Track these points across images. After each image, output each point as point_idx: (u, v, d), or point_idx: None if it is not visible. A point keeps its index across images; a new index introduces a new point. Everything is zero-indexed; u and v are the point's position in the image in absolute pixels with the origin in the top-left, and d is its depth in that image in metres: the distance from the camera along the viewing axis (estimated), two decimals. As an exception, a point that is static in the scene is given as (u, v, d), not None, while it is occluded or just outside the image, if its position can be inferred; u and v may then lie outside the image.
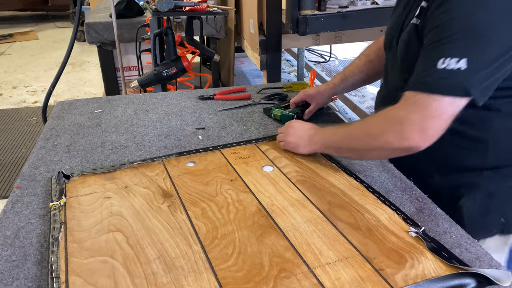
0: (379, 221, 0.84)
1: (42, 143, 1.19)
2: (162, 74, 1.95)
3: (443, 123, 0.82)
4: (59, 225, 0.84)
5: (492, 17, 0.79)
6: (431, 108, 0.81)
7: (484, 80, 0.81)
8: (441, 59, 0.80)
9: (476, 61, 0.79)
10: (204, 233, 0.82)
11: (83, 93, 4.01)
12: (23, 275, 0.73)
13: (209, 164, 1.06)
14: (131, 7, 2.83)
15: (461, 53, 0.79)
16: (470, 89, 0.80)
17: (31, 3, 6.46)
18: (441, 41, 0.82)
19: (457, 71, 0.79)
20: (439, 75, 0.81)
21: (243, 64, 4.55)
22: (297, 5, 1.84)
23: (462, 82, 0.79)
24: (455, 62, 0.79)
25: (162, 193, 0.95)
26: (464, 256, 0.77)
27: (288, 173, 1.01)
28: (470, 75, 0.79)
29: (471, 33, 0.80)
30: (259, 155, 1.10)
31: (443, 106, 0.81)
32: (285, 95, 1.47)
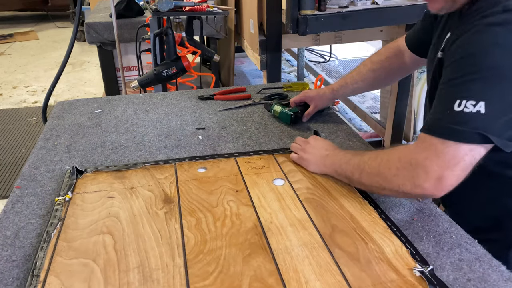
0: (382, 253, 0.77)
1: (42, 143, 1.19)
2: (162, 74, 1.95)
3: (460, 173, 0.76)
4: (57, 221, 0.85)
5: None
6: (447, 156, 0.75)
7: (508, 127, 0.74)
8: (457, 101, 0.75)
9: (496, 105, 0.73)
10: (192, 245, 0.79)
11: (83, 93, 4.01)
12: (23, 275, 0.73)
13: (219, 172, 1.03)
14: (131, 7, 2.83)
15: (479, 96, 0.73)
16: (490, 136, 0.73)
17: (31, 3, 6.46)
18: (458, 80, 0.77)
19: (475, 115, 0.73)
20: (455, 119, 0.75)
21: (243, 64, 4.55)
22: (297, 5, 1.84)
23: (480, 128, 0.73)
24: (472, 105, 0.73)
25: (163, 198, 0.94)
26: (464, 256, 0.77)
27: (298, 189, 0.96)
28: (490, 121, 0.73)
29: (489, 73, 0.74)
30: (274, 167, 1.05)
31: (460, 155, 0.75)
32: (285, 95, 1.47)
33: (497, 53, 0.73)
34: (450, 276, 0.72)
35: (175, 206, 0.91)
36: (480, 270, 0.74)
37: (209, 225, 0.85)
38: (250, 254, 0.77)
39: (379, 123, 2.81)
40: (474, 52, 0.75)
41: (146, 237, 0.82)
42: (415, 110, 2.71)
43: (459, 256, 0.77)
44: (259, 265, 0.75)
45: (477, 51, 0.75)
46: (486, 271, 0.73)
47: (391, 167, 0.83)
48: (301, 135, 1.23)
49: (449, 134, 0.75)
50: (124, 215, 0.88)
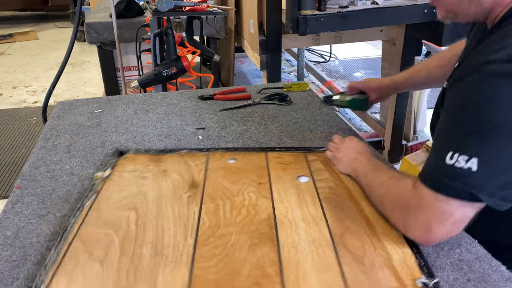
0: (389, 260, 0.75)
1: (42, 143, 1.19)
2: (162, 74, 1.95)
3: (451, 228, 0.73)
4: (93, 194, 0.96)
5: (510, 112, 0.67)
6: (436, 210, 0.72)
7: (502, 187, 0.69)
8: (450, 153, 0.70)
9: (489, 163, 0.68)
10: (205, 229, 0.84)
11: (83, 93, 4.01)
12: (23, 275, 0.73)
13: (248, 164, 1.07)
14: (131, 7, 2.83)
15: (473, 151, 0.68)
16: (481, 196, 0.69)
17: (31, 3, 6.45)
18: (453, 129, 0.72)
19: (466, 172, 0.69)
20: (446, 173, 0.71)
21: (243, 64, 4.55)
22: (297, 5, 1.83)
23: (470, 186, 0.69)
24: (465, 160, 0.69)
25: (190, 183, 1.00)
26: (464, 256, 0.77)
27: (321, 188, 0.96)
28: (481, 180, 0.69)
29: (486, 128, 0.68)
30: (301, 164, 1.06)
31: (450, 210, 0.71)
32: (285, 95, 1.47)
33: (497, 108, 0.68)
34: (450, 276, 0.72)
35: (199, 191, 0.96)
36: (480, 270, 0.74)
37: (226, 212, 0.89)
38: (258, 243, 0.80)
39: (379, 123, 2.81)
40: (473, 103, 0.70)
41: (166, 216, 0.88)
42: (415, 110, 2.71)
43: (459, 256, 0.77)
44: (263, 254, 0.77)
45: (476, 103, 0.70)
46: (486, 271, 0.73)
47: (389, 203, 0.83)
48: (301, 135, 1.23)
49: (440, 187, 0.72)
50: (151, 195, 0.95)
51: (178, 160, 1.09)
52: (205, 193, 0.96)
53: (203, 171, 1.04)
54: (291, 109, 1.40)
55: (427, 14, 1.95)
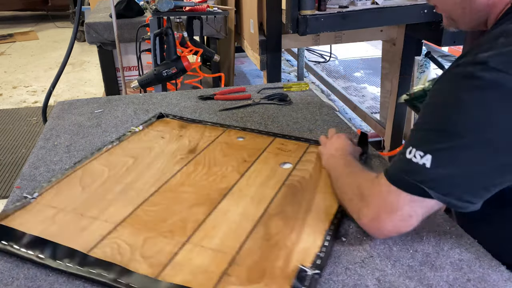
0: (294, 244, 0.78)
1: (42, 143, 1.19)
2: (162, 74, 1.95)
3: (399, 223, 0.73)
4: (117, 141, 1.16)
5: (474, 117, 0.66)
6: (387, 200, 0.74)
7: (456, 186, 0.69)
8: (409, 147, 0.72)
9: (443, 161, 0.68)
10: (171, 184, 0.96)
11: (83, 93, 4.01)
12: (23, 275, 0.73)
13: (250, 144, 1.15)
14: (131, 7, 2.83)
15: (428, 148, 0.69)
16: (431, 192, 0.70)
17: (31, 3, 6.46)
18: (417, 126, 0.74)
19: (420, 167, 0.70)
20: (403, 166, 0.73)
21: (243, 64, 4.55)
22: (297, 5, 1.83)
23: (422, 181, 0.70)
24: (420, 156, 0.70)
25: (191, 149, 1.12)
26: (464, 256, 0.77)
27: (293, 175, 1.01)
28: (433, 177, 0.69)
29: (443, 127, 0.69)
30: (297, 153, 1.11)
31: (399, 203, 0.72)
32: (285, 95, 1.47)
33: (457, 108, 0.68)
34: (450, 276, 0.72)
35: (192, 156, 1.09)
36: (480, 270, 0.74)
37: (198, 175, 1.00)
38: (199, 204, 0.90)
39: (379, 123, 2.81)
40: (436, 101, 0.72)
41: (152, 168, 1.03)
42: (415, 110, 2.71)
43: (459, 256, 0.77)
44: (196, 212, 0.87)
45: (439, 101, 0.71)
46: (486, 271, 0.73)
47: (350, 191, 0.84)
48: (302, 135, 1.23)
49: (394, 180, 0.73)
50: (156, 150, 1.12)
51: (198, 130, 1.23)
52: (195, 158, 1.08)
53: (209, 142, 1.16)
54: (291, 109, 1.40)
55: (427, 14, 1.95)
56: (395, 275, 0.73)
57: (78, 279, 0.72)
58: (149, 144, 1.15)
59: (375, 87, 3.93)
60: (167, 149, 1.12)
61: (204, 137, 1.19)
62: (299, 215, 0.87)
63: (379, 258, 0.77)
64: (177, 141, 1.17)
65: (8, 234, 0.80)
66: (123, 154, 1.10)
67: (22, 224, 0.84)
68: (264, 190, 0.95)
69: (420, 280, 0.72)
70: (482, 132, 0.66)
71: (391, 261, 0.76)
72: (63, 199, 0.92)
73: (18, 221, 0.85)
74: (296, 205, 0.90)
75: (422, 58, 2.65)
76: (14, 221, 0.85)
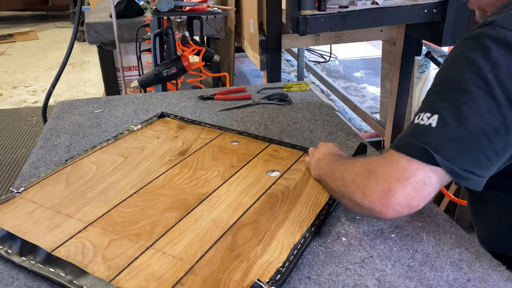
0: (257, 257, 0.75)
1: (42, 143, 1.19)
2: (162, 74, 1.95)
3: (412, 192, 0.68)
4: (113, 139, 1.16)
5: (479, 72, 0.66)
6: (398, 167, 0.69)
7: (460, 152, 0.66)
8: (419, 113, 0.70)
9: (450, 120, 0.66)
10: (152, 186, 0.96)
11: (83, 93, 4.01)
12: (23, 275, 0.73)
13: (243, 149, 1.13)
14: (131, 7, 2.82)
15: (434, 108, 0.68)
16: (435, 155, 0.66)
17: (31, 3, 6.45)
18: (426, 93, 0.73)
19: (425, 128, 0.68)
20: (411, 132, 0.71)
21: (243, 64, 4.55)
22: (297, 5, 1.83)
23: (425, 142, 0.67)
24: (427, 117, 0.68)
25: (182, 150, 1.12)
26: (464, 256, 0.77)
27: (278, 184, 0.97)
28: (437, 137, 0.66)
29: (449, 86, 0.69)
30: (289, 161, 1.07)
31: (409, 169, 0.68)
32: (285, 95, 1.47)
33: (463, 66, 0.68)
34: (450, 276, 0.72)
35: (180, 158, 1.08)
36: (480, 270, 0.74)
37: (181, 179, 0.99)
38: (173, 208, 0.89)
39: (379, 123, 2.81)
40: (445, 65, 0.72)
41: (138, 168, 1.03)
42: (415, 110, 2.71)
43: (459, 256, 0.77)
44: (167, 217, 0.86)
45: (446, 64, 0.72)
46: (486, 271, 0.73)
47: (352, 172, 0.77)
48: (301, 135, 1.23)
49: (402, 147, 0.70)
50: (147, 151, 1.11)
51: (195, 131, 1.22)
52: (184, 161, 1.07)
53: (202, 145, 1.14)
54: (291, 109, 1.40)
55: (427, 14, 1.95)
56: (395, 275, 0.73)
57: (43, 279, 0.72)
58: (143, 143, 1.15)
59: (375, 87, 3.93)
60: (159, 150, 1.12)
61: (199, 139, 1.17)
62: (272, 226, 0.83)
63: (379, 258, 0.77)
64: (171, 142, 1.16)
65: None
66: (115, 153, 1.10)
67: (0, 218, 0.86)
68: (243, 198, 0.92)
69: (420, 280, 0.72)
70: (487, 85, 0.65)
71: (391, 261, 0.76)
72: (45, 195, 0.93)
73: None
74: (271, 216, 0.86)
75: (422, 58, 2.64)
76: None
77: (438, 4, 1.94)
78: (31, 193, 0.94)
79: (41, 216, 0.86)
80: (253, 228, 0.83)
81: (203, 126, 1.25)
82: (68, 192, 0.94)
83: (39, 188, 0.95)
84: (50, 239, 0.80)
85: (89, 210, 0.88)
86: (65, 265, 0.73)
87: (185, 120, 1.29)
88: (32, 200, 0.91)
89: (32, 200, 0.91)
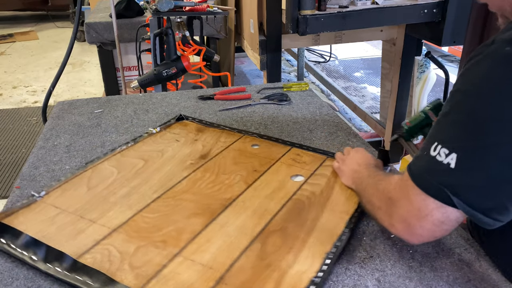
0: (288, 266, 0.73)
1: (42, 143, 1.19)
2: (162, 74, 1.94)
3: (432, 227, 0.65)
4: (132, 142, 1.15)
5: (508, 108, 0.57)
6: (414, 205, 0.66)
7: (482, 196, 0.60)
8: (435, 143, 0.64)
9: (470, 163, 0.60)
10: (175, 191, 0.94)
11: (83, 93, 4.01)
12: (23, 275, 0.73)
13: (264, 153, 1.11)
14: (131, 7, 2.82)
15: (454, 145, 0.61)
16: (454, 199, 0.61)
17: (31, 3, 6.44)
18: (444, 117, 0.65)
19: (444, 167, 0.62)
20: (428, 166, 0.65)
21: (243, 64, 4.55)
22: (297, 5, 1.83)
23: (446, 184, 0.62)
24: (445, 154, 0.61)
25: (203, 154, 1.09)
26: (464, 256, 0.77)
27: (303, 190, 0.95)
28: (458, 180, 0.61)
29: (472, 119, 0.60)
30: (312, 166, 1.05)
31: (428, 208, 0.64)
32: (285, 95, 1.47)
33: (487, 93, 0.59)
34: (450, 276, 0.72)
35: (202, 162, 1.06)
36: (480, 270, 0.74)
37: (203, 183, 0.97)
38: (198, 214, 0.86)
39: (379, 123, 2.81)
40: (465, 88, 0.63)
41: (160, 172, 1.01)
42: (415, 110, 2.71)
43: (459, 256, 0.77)
44: (193, 223, 0.84)
45: (468, 87, 0.63)
46: (486, 271, 0.73)
47: (377, 201, 0.76)
48: (301, 135, 1.23)
49: (418, 181, 0.66)
50: (168, 154, 1.09)
51: (215, 134, 1.20)
52: (205, 164, 1.04)
53: (223, 148, 1.12)
54: (291, 109, 1.40)
55: (427, 14, 1.95)
56: (395, 275, 0.73)
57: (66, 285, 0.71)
58: (162, 146, 1.13)
59: (375, 87, 3.93)
60: (179, 153, 1.09)
61: (219, 143, 1.15)
62: (301, 234, 0.81)
63: (379, 258, 0.77)
64: (191, 145, 1.14)
65: (8, 233, 0.80)
66: (135, 156, 1.08)
67: (22, 222, 0.84)
68: (268, 204, 0.90)
69: (420, 280, 0.72)
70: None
71: (391, 261, 0.76)
72: (67, 200, 0.91)
73: (21, 219, 0.85)
74: (299, 223, 0.84)
75: (422, 58, 2.64)
76: (17, 219, 0.85)
77: (438, 4, 1.94)
78: (53, 197, 0.92)
79: (64, 221, 0.85)
80: (281, 236, 0.81)
81: (223, 129, 1.23)
82: (90, 196, 0.92)
83: (60, 192, 0.94)
84: (75, 245, 0.78)
85: (112, 215, 0.86)
86: (92, 272, 0.71)
87: (204, 123, 1.27)
88: (54, 204, 0.90)
89: (54, 204, 0.90)
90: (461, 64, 2.12)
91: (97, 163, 1.05)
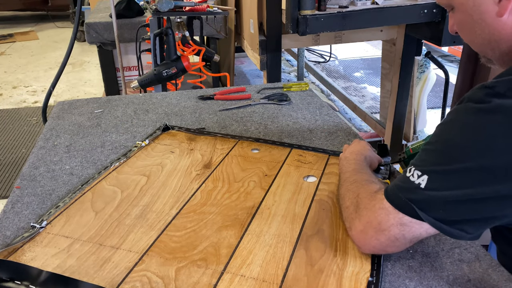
0: (341, 270, 0.73)
1: (42, 143, 1.19)
2: (162, 74, 1.95)
3: (386, 242, 0.71)
4: (124, 158, 1.08)
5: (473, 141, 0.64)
6: (377, 218, 0.71)
7: (448, 212, 0.66)
8: (411, 166, 0.70)
9: (438, 184, 0.66)
10: (193, 204, 0.90)
11: (83, 93, 4.01)
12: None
13: (267, 156, 1.10)
14: (131, 7, 2.82)
15: (426, 168, 0.68)
16: (421, 214, 0.67)
17: (31, 3, 6.45)
18: (424, 146, 0.73)
19: (414, 186, 0.68)
20: (401, 184, 0.71)
21: (243, 64, 4.55)
22: (297, 5, 1.83)
23: (414, 200, 0.68)
24: (418, 175, 0.68)
25: (206, 163, 1.07)
26: (464, 256, 0.77)
27: (321, 190, 0.95)
28: (426, 198, 0.67)
29: (443, 148, 0.68)
30: (318, 165, 1.05)
31: (388, 223, 0.70)
32: (285, 95, 1.47)
33: (458, 131, 0.67)
34: (450, 276, 0.72)
35: (208, 172, 1.03)
36: (480, 270, 0.74)
37: (219, 193, 0.94)
38: (228, 226, 0.84)
39: (379, 123, 2.81)
40: (443, 123, 0.71)
41: (168, 187, 0.97)
42: (415, 110, 2.71)
43: (459, 256, 0.77)
44: (226, 236, 0.81)
45: (445, 123, 0.70)
46: (486, 271, 0.73)
47: (348, 200, 0.81)
48: (301, 135, 1.23)
49: (390, 196, 0.71)
50: (168, 167, 1.05)
51: (209, 142, 1.18)
52: (212, 174, 1.02)
53: (223, 155, 1.10)
54: (291, 109, 1.40)
55: (427, 14, 1.95)
56: (395, 275, 0.73)
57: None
58: (159, 160, 1.08)
59: (375, 87, 3.93)
60: (180, 165, 1.05)
61: (217, 150, 1.13)
62: (339, 235, 0.81)
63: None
64: (188, 155, 1.10)
65: (21, 272, 0.71)
66: (133, 172, 1.02)
67: (34, 259, 0.75)
68: (294, 208, 0.89)
69: (420, 280, 0.72)
70: (480, 157, 0.63)
71: (391, 261, 0.76)
72: (75, 227, 0.84)
73: (29, 255, 0.76)
74: (333, 224, 0.84)
75: (422, 58, 2.65)
76: (25, 256, 0.76)
77: (438, 4, 1.94)
78: (57, 226, 0.84)
79: (82, 251, 0.77)
80: (321, 239, 0.80)
81: (215, 136, 1.20)
82: (100, 221, 0.85)
83: (65, 220, 0.86)
84: (107, 277, 0.71)
85: (135, 238, 0.80)
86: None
87: (193, 131, 1.23)
88: (63, 234, 0.81)
89: (62, 234, 0.81)
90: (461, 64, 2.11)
91: (94, 184, 0.97)
